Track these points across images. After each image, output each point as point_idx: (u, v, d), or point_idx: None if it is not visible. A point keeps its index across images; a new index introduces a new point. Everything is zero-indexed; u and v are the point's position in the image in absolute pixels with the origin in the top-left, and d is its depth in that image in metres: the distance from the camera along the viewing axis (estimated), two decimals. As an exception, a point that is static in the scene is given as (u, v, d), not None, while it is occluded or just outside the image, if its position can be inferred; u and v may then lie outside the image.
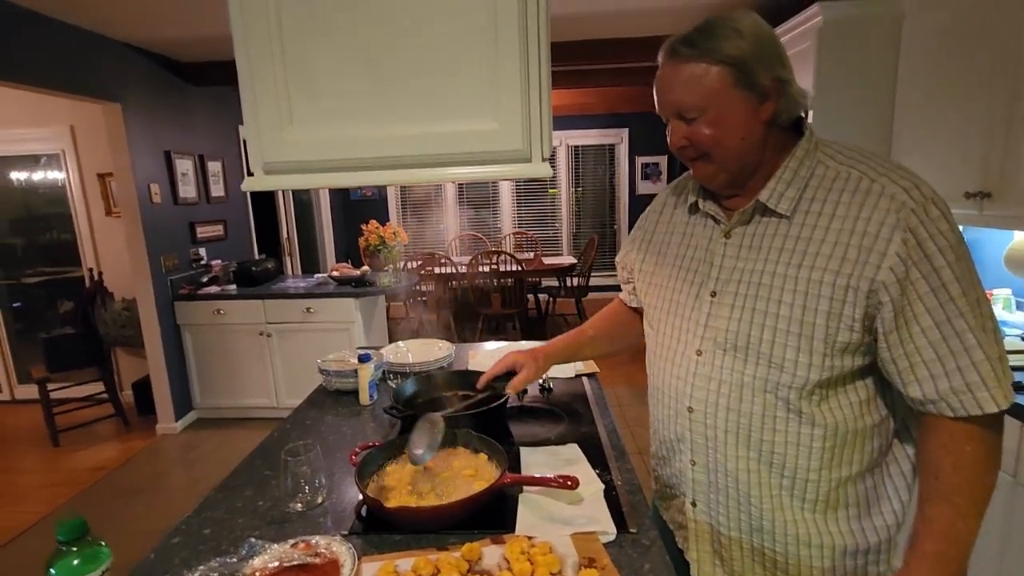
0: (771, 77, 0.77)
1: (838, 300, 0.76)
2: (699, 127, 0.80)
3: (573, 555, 0.84)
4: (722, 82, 0.77)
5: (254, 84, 0.78)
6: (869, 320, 0.76)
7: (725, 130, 0.79)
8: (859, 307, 0.75)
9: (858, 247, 0.74)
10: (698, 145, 0.82)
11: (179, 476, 3.15)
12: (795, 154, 0.82)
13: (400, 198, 7.01)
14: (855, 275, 0.74)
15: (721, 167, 0.83)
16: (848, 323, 0.76)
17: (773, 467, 0.84)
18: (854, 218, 0.76)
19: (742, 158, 0.82)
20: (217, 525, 0.99)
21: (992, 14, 1.75)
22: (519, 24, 0.75)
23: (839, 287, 0.75)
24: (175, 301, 3.62)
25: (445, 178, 0.82)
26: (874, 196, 0.75)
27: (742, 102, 0.78)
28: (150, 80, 3.52)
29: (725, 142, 0.80)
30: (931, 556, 0.75)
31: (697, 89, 0.78)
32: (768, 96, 0.78)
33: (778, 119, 0.80)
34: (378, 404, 1.53)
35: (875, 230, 0.74)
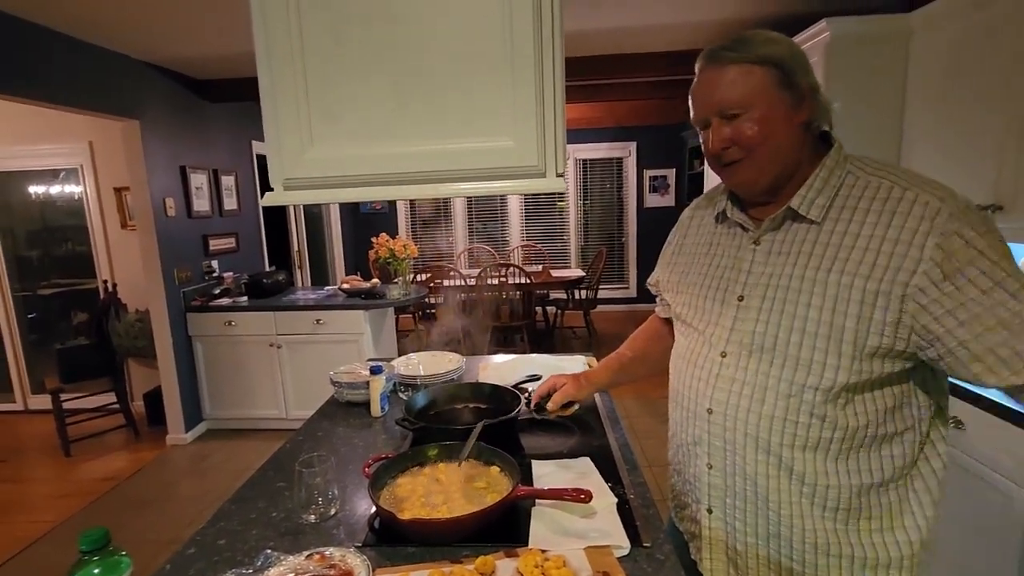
0: (807, 82, 0.80)
1: (868, 304, 0.76)
2: (743, 125, 0.81)
3: (587, 569, 0.84)
4: (766, 81, 0.79)
5: (276, 104, 0.80)
6: (903, 328, 0.75)
7: (769, 128, 0.80)
8: (891, 312, 0.75)
9: (890, 253, 0.75)
10: (742, 144, 0.82)
11: (189, 486, 3.16)
12: (826, 163, 0.84)
13: (410, 211, 7.06)
14: (887, 280, 0.75)
15: (762, 170, 0.84)
16: (879, 328, 0.76)
17: (793, 473, 0.84)
18: (886, 225, 0.76)
19: (783, 161, 0.83)
20: (231, 536, 0.99)
21: (1002, 30, 1.76)
22: (535, 46, 0.77)
23: (870, 292, 0.76)
24: (187, 312, 3.66)
25: (461, 193, 0.84)
26: (907, 204, 0.76)
27: (784, 102, 0.80)
28: (167, 97, 3.60)
29: (769, 140, 0.81)
30: None
31: (743, 86, 0.80)
32: (804, 100, 0.80)
33: (811, 125, 0.83)
34: (389, 416, 1.54)
35: (908, 237, 0.74)
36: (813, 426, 0.81)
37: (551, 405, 1.20)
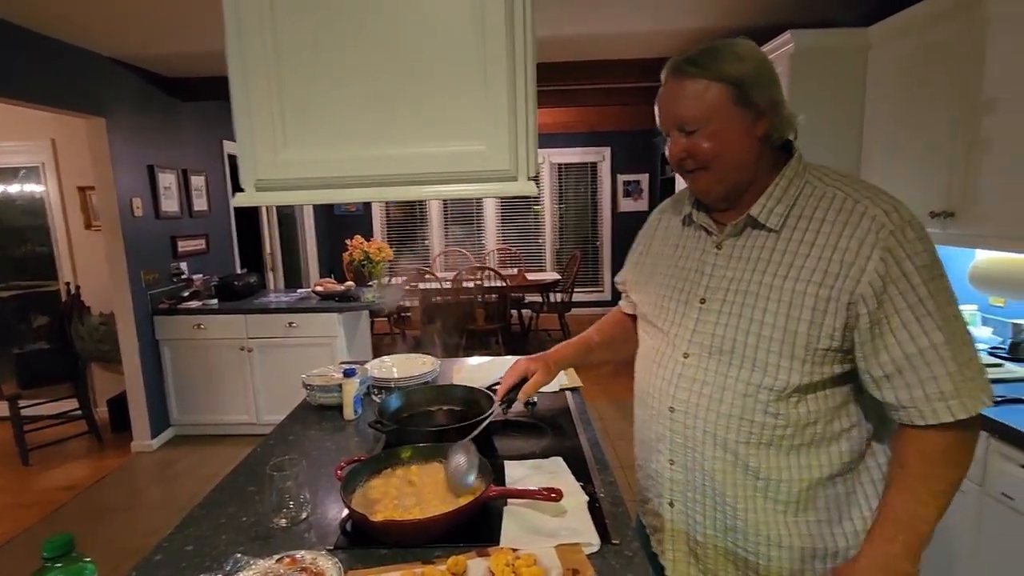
0: (766, 98, 0.83)
1: (820, 311, 0.80)
2: (699, 140, 0.84)
3: (557, 567, 0.85)
4: (722, 98, 0.82)
5: (249, 104, 0.80)
6: (849, 331, 0.80)
7: (723, 144, 0.84)
8: (839, 317, 0.79)
9: (840, 262, 0.79)
10: (697, 157, 0.86)
11: (155, 494, 3.07)
12: (785, 173, 0.87)
13: (385, 214, 7.02)
14: (836, 287, 0.79)
15: (718, 179, 0.87)
16: (828, 332, 0.80)
17: (748, 468, 0.87)
18: (838, 235, 0.80)
19: (737, 172, 0.86)
20: (200, 542, 0.98)
21: (953, 44, 1.85)
22: (506, 51, 0.78)
23: (821, 298, 0.80)
24: (154, 316, 3.57)
25: (433, 195, 0.85)
26: (857, 216, 0.80)
27: (739, 118, 0.83)
28: (135, 95, 3.51)
29: (723, 155, 0.84)
30: (880, 538, 0.80)
31: (699, 104, 0.83)
32: (763, 115, 0.83)
33: (771, 137, 0.85)
34: (362, 419, 1.53)
35: (856, 247, 0.78)
36: (767, 424, 0.85)
37: (522, 395, 1.17)
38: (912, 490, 0.80)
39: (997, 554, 1.45)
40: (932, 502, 0.79)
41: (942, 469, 0.79)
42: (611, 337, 1.24)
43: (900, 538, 0.79)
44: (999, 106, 1.70)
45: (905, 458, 0.81)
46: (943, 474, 0.79)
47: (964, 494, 1.48)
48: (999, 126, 1.70)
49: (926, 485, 0.79)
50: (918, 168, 2.03)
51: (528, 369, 1.18)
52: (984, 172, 1.76)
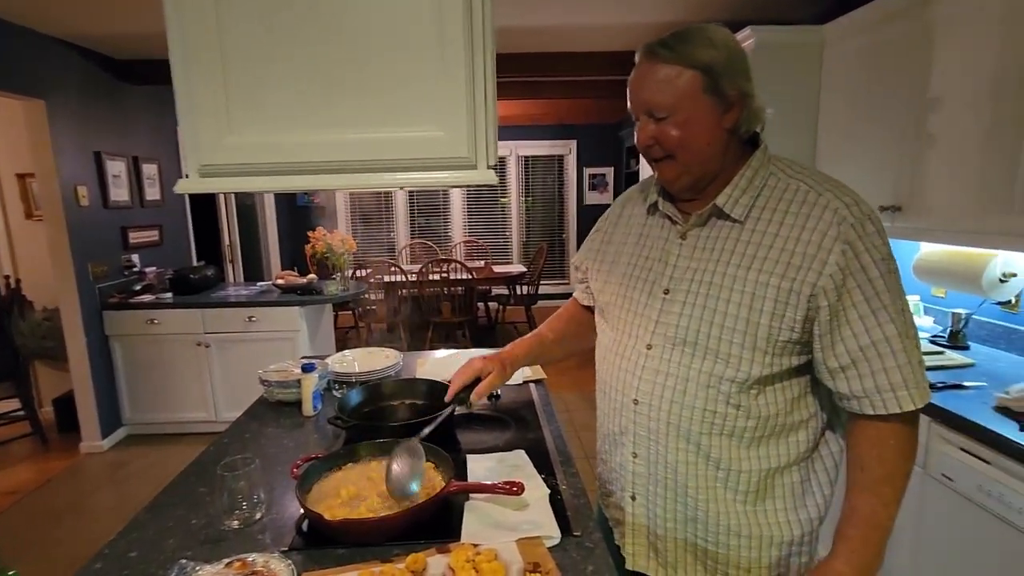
0: (736, 89, 0.82)
1: (781, 302, 0.81)
2: (667, 128, 0.83)
3: (518, 561, 0.85)
4: (692, 86, 0.81)
5: (191, 86, 0.76)
6: (808, 323, 0.81)
7: (691, 133, 0.83)
8: (800, 309, 0.80)
9: (802, 254, 0.80)
10: (664, 144, 0.85)
11: (106, 497, 2.94)
12: (751, 164, 0.87)
13: (350, 205, 6.87)
14: (798, 280, 0.80)
15: (685, 169, 0.86)
16: (790, 324, 0.81)
17: (710, 459, 0.88)
18: (800, 227, 0.81)
19: (704, 162, 0.86)
20: (145, 547, 0.93)
21: (902, 45, 1.91)
22: (464, 34, 0.76)
23: (783, 290, 0.80)
24: (104, 310, 3.40)
25: (390, 183, 0.82)
26: (819, 209, 0.81)
27: (709, 108, 0.82)
28: (80, 76, 3.32)
29: (690, 144, 0.84)
30: (855, 540, 0.82)
31: (669, 90, 0.81)
32: (732, 106, 0.82)
33: (739, 129, 0.85)
34: (322, 415, 1.49)
35: (818, 240, 0.79)
36: (729, 415, 0.86)
37: (475, 396, 1.11)
38: (876, 492, 0.82)
39: (938, 532, 1.52)
40: (895, 500, 0.82)
41: (897, 468, 0.82)
42: (563, 334, 1.22)
43: (873, 539, 0.82)
44: (943, 105, 1.76)
45: (863, 459, 0.83)
46: (900, 471, 0.82)
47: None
48: (943, 124, 1.77)
49: (889, 484, 0.81)
50: (869, 163, 2.09)
51: (483, 369, 1.12)
52: (929, 168, 1.82)
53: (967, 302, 2.06)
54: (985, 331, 2.01)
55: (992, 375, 1.72)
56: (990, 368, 1.79)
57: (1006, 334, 1.94)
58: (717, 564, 0.91)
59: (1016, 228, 1.53)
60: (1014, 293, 1.88)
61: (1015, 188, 1.53)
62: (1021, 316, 1.90)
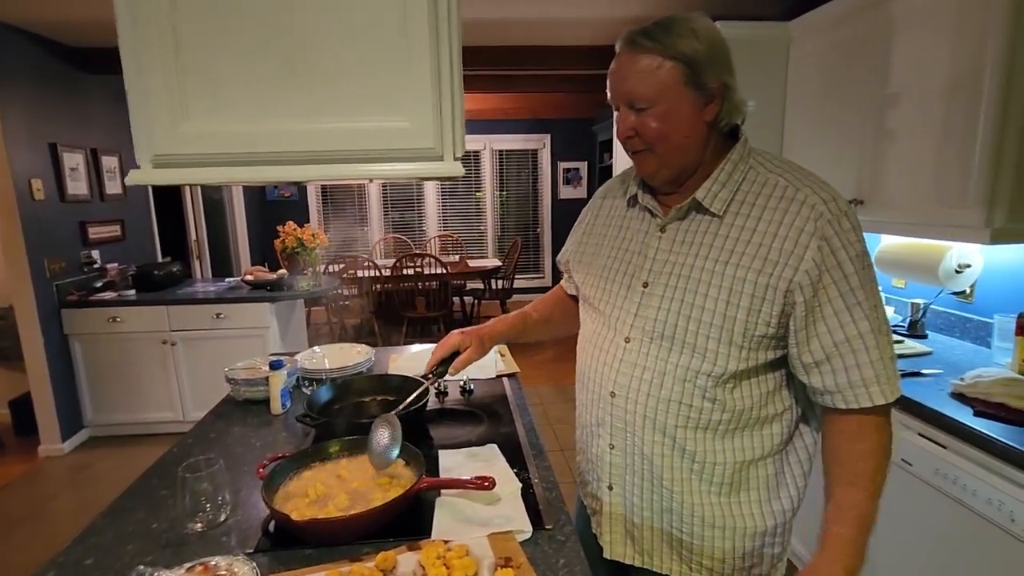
0: (718, 81, 0.81)
1: (758, 297, 0.81)
2: (647, 119, 0.83)
3: (490, 556, 0.84)
4: (673, 78, 0.80)
5: (141, 70, 0.72)
6: (784, 317, 0.82)
7: (671, 125, 0.82)
8: (776, 304, 0.80)
9: (779, 250, 0.80)
10: (644, 136, 0.84)
11: (67, 501, 2.84)
12: (731, 158, 0.87)
13: (321, 199, 6.75)
14: (775, 275, 0.80)
15: (664, 162, 0.86)
16: (766, 319, 0.81)
17: (685, 452, 0.88)
18: (778, 223, 0.81)
19: (684, 156, 0.85)
20: (102, 553, 0.90)
21: (862, 43, 1.95)
22: (429, 25, 0.74)
23: (760, 285, 0.81)
24: (62, 308, 3.27)
25: (353, 175, 0.80)
26: (796, 204, 0.81)
27: (690, 100, 0.81)
28: (32, 65, 3.17)
29: (671, 137, 0.83)
30: (847, 540, 0.81)
31: (650, 81, 0.81)
32: (713, 98, 0.82)
33: (720, 122, 0.85)
34: (292, 413, 1.46)
35: (795, 235, 0.79)
36: (705, 408, 0.86)
37: (453, 369, 1.10)
38: (862, 488, 0.82)
39: (897, 515, 1.57)
40: (878, 495, 0.82)
41: (878, 460, 0.82)
42: (549, 315, 1.21)
43: (862, 538, 0.82)
44: (901, 101, 1.81)
45: (839, 454, 0.84)
46: (879, 465, 0.82)
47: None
48: (901, 120, 1.81)
49: (868, 479, 0.82)
50: (833, 158, 2.14)
51: (461, 343, 1.11)
52: (889, 163, 1.87)
53: (925, 292, 2.12)
54: (941, 320, 2.09)
55: (948, 363, 1.78)
56: (946, 356, 1.85)
57: (961, 323, 2.01)
58: (692, 554, 0.92)
59: (970, 221, 1.58)
60: (968, 283, 1.95)
61: (969, 183, 1.58)
62: (975, 306, 1.97)
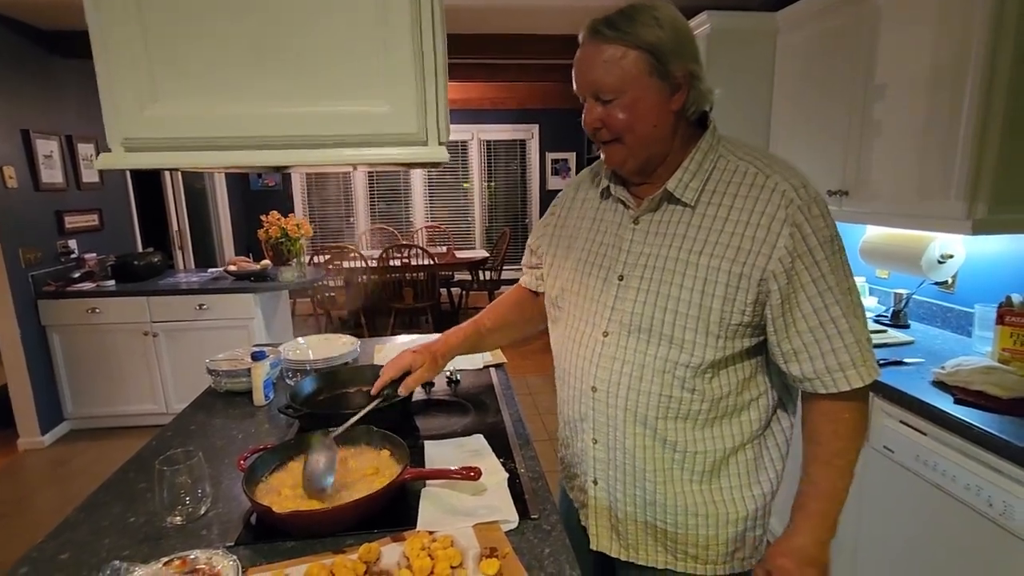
0: (683, 70, 0.80)
1: (732, 286, 0.81)
2: (614, 110, 0.82)
3: (475, 546, 0.83)
4: (638, 68, 0.79)
5: (110, 51, 0.69)
6: (759, 305, 0.82)
7: (638, 116, 0.81)
8: (751, 293, 0.80)
9: (752, 238, 0.80)
10: (611, 127, 0.83)
11: (47, 496, 2.80)
12: (700, 147, 0.86)
13: (306, 189, 6.66)
14: (748, 263, 0.80)
15: (631, 153, 0.85)
16: (741, 307, 0.81)
17: (667, 443, 0.88)
18: (749, 211, 0.81)
19: (652, 146, 0.85)
20: (77, 548, 0.88)
21: (848, 35, 1.96)
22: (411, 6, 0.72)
23: (734, 274, 0.81)
24: (39, 299, 3.20)
25: (334, 160, 0.77)
26: (767, 191, 0.81)
27: (656, 90, 0.80)
28: (2, 47, 3.07)
29: (637, 128, 0.82)
30: (817, 514, 0.85)
31: (615, 71, 0.80)
32: (679, 87, 0.81)
33: (687, 111, 0.84)
34: (275, 404, 1.44)
35: (767, 223, 0.79)
36: (684, 399, 0.86)
37: (403, 390, 1.08)
38: (832, 465, 0.84)
39: (879, 500, 1.60)
40: (849, 473, 0.85)
41: (851, 442, 0.84)
42: (503, 322, 1.19)
43: (832, 512, 0.85)
44: (887, 93, 1.82)
45: (818, 435, 0.86)
46: (853, 446, 0.85)
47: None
48: (886, 112, 1.82)
49: (843, 457, 0.84)
50: (818, 148, 2.15)
51: (412, 363, 1.09)
52: (874, 155, 1.88)
53: (908, 283, 2.15)
54: (923, 310, 2.11)
55: (930, 352, 1.80)
56: (928, 345, 1.88)
57: (942, 312, 2.04)
58: (676, 544, 0.93)
59: (952, 212, 1.60)
60: (950, 274, 1.97)
61: (951, 174, 1.59)
62: (956, 296, 1.99)
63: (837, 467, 0.84)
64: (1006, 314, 1.62)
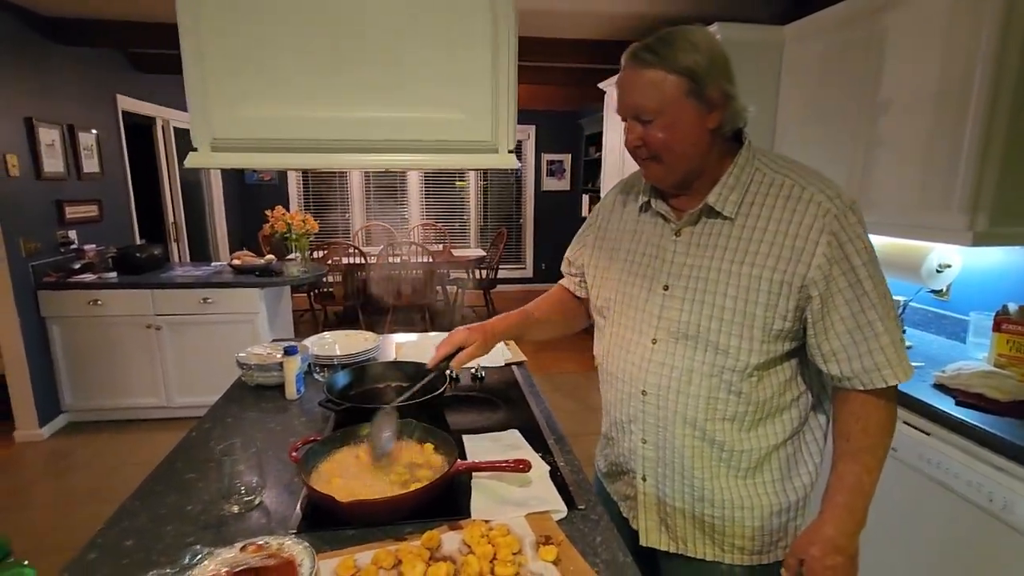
0: (719, 90, 0.86)
1: (774, 294, 0.86)
2: (653, 131, 0.87)
3: (530, 534, 0.88)
4: (677, 90, 0.84)
5: (203, 55, 0.72)
6: (800, 311, 0.87)
7: (676, 135, 0.87)
8: (792, 299, 0.86)
9: (791, 247, 0.85)
10: (650, 147, 0.89)
11: (46, 489, 2.77)
12: (737, 162, 0.92)
13: (302, 185, 6.63)
14: (789, 271, 0.85)
15: (670, 169, 0.91)
16: (783, 313, 0.87)
17: (715, 443, 0.94)
18: (788, 221, 0.86)
19: (689, 162, 0.90)
20: (140, 535, 0.90)
21: (855, 50, 2.03)
22: (489, 18, 0.76)
23: (775, 282, 0.86)
24: (39, 290, 3.17)
25: (407, 165, 0.81)
26: (804, 202, 0.86)
27: (693, 110, 0.86)
28: (5, 34, 3.03)
29: (675, 147, 0.88)
30: (842, 506, 0.89)
31: (655, 94, 0.85)
32: (715, 107, 0.86)
33: (723, 129, 0.89)
34: (305, 399, 1.47)
35: (805, 233, 0.85)
36: (731, 401, 0.92)
37: (456, 364, 1.13)
38: (860, 461, 0.89)
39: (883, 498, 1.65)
40: (876, 468, 0.90)
41: (880, 438, 0.90)
42: (549, 317, 1.24)
43: (858, 505, 0.89)
44: (891, 108, 1.89)
45: (849, 431, 0.90)
46: (882, 442, 0.90)
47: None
48: (891, 126, 1.90)
49: (872, 454, 0.89)
50: (823, 160, 2.22)
51: (466, 339, 1.13)
52: (878, 167, 1.96)
53: (905, 290, 2.23)
54: (919, 316, 2.20)
55: (927, 356, 1.88)
56: (925, 350, 1.96)
57: (937, 319, 2.13)
58: (723, 536, 0.98)
59: (954, 224, 1.67)
60: (947, 282, 2.06)
61: (954, 188, 1.66)
62: (950, 303, 2.08)
63: (864, 462, 0.89)
64: (1003, 322, 1.70)
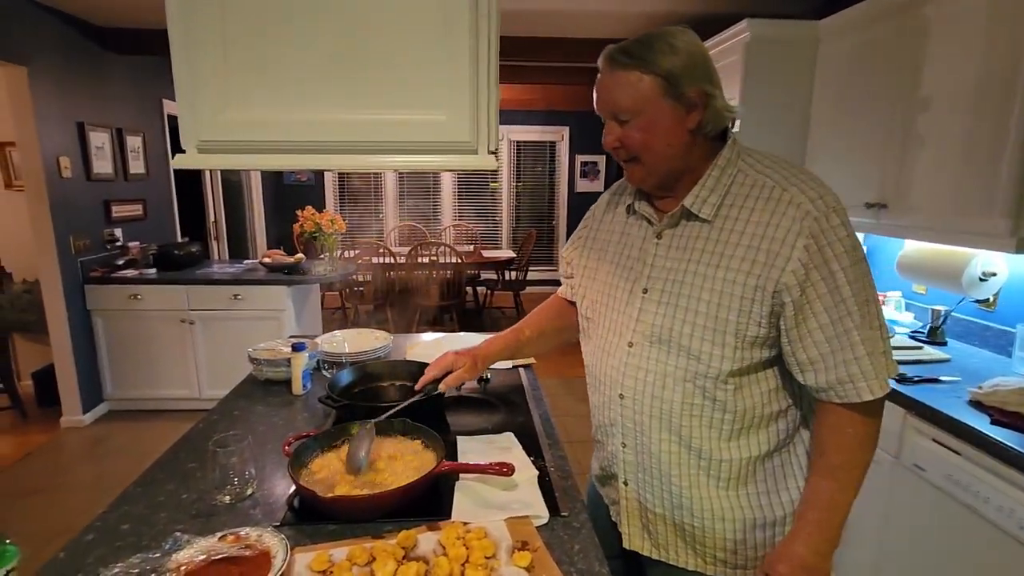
0: (697, 91, 0.83)
1: (748, 299, 0.83)
2: (631, 131, 0.86)
3: (507, 539, 0.87)
4: (653, 91, 0.83)
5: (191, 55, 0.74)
6: (775, 317, 0.84)
7: (654, 135, 0.85)
8: (766, 305, 0.82)
9: (767, 251, 0.82)
10: (629, 147, 0.88)
11: (86, 472, 2.93)
12: (718, 163, 0.89)
13: (338, 185, 6.80)
14: (763, 276, 0.82)
15: (650, 171, 0.89)
16: (756, 319, 0.83)
17: (692, 450, 0.91)
18: (765, 224, 0.83)
19: (669, 162, 0.88)
20: (136, 520, 0.94)
21: (893, 44, 1.93)
22: (470, 19, 0.76)
23: (749, 287, 0.83)
24: (85, 284, 3.35)
25: (389, 166, 0.82)
26: (783, 204, 0.82)
27: (670, 111, 0.84)
28: (63, 43, 3.23)
29: (653, 146, 0.86)
30: (814, 523, 0.86)
31: (631, 94, 0.84)
32: (694, 107, 0.84)
33: (704, 129, 0.86)
34: (311, 394, 1.50)
35: (782, 236, 0.81)
36: (706, 407, 0.89)
37: (443, 387, 1.16)
38: (836, 478, 0.85)
39: (906, 518, 1.58)
40: (852, 486, 0.85)
41: (857, 455, 0.85)
42: (542, 330, 1.23)
43: (832, 523, 0.85)
44: (931, 105, 1.79)
45: (823, 445, 0.87)
46: (859, 460, 0.85)
47: (879, 464, 1.59)
48: (930, 124, 1.80)
49: (847, 472, 0.85)
50: (857, 160, 2.13)
51: (454, 363, 1.16)
52: (916, 167, 1.86)
53: (947, 299, 2.11)
54: (962, 327, 2.07)
55: (967, 371, 1.77)
56: (965, 364, 1.84)
57: (981, 331, 2.00)
58: (705, 547, 0.95)
59: (995, 229, 1.57)
60: (992, 292, 1.93)
61: (996, 191, 1.56)
62: (997, 314, 1.95)
63: (839, 480, 0.85)
64: (1049, 335, 1.59)
